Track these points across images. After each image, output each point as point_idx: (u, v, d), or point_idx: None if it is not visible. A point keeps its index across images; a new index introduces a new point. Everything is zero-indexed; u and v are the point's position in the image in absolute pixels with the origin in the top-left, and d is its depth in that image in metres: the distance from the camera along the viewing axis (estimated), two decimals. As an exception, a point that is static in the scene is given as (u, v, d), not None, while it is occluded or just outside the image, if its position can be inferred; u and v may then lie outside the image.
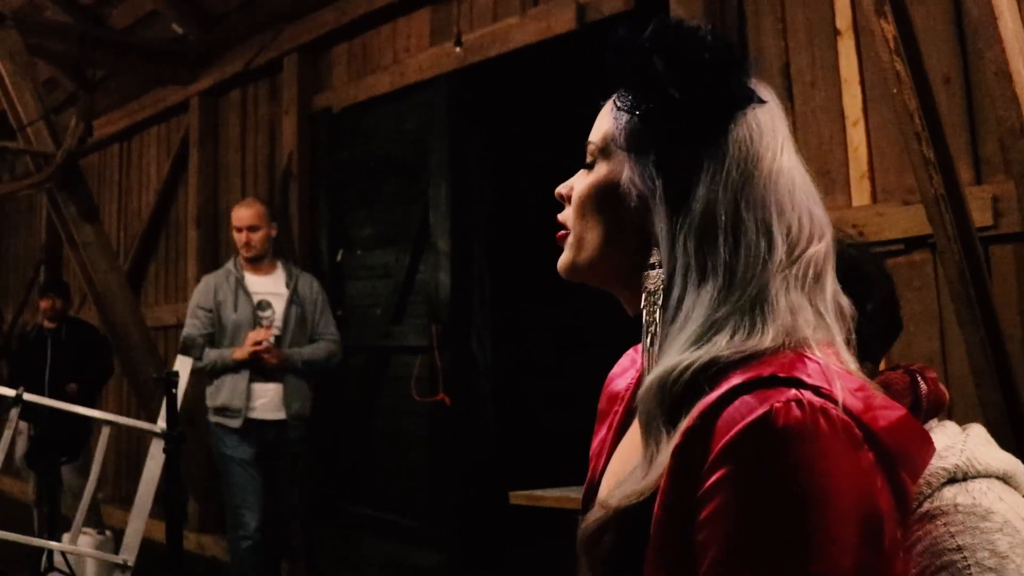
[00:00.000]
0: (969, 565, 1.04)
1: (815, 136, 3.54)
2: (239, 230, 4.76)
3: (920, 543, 1.08)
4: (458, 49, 4.88)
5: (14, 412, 3.47)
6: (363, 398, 5.46)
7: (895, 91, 2.87)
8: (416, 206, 5.24)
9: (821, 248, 0.95)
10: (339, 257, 5.73)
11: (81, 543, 5.00)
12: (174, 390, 3.16)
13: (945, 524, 1.08)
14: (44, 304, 6.26)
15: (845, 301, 0.97)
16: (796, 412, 0.83)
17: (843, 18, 3.48)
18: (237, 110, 6.71)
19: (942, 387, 1.22)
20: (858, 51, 3.43)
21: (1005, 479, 1.15)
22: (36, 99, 5.93)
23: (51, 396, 5.92)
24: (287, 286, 4.78)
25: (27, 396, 3.50)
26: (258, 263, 4.78)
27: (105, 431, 3.56)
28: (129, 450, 7.42)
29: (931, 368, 1.25)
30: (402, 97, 5.36)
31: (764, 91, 0.99)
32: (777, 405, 0.83)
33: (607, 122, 1.02)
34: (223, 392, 4.58)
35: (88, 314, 7.41)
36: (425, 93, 5.20)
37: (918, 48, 2.86)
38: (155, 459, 3.52)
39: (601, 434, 1.14)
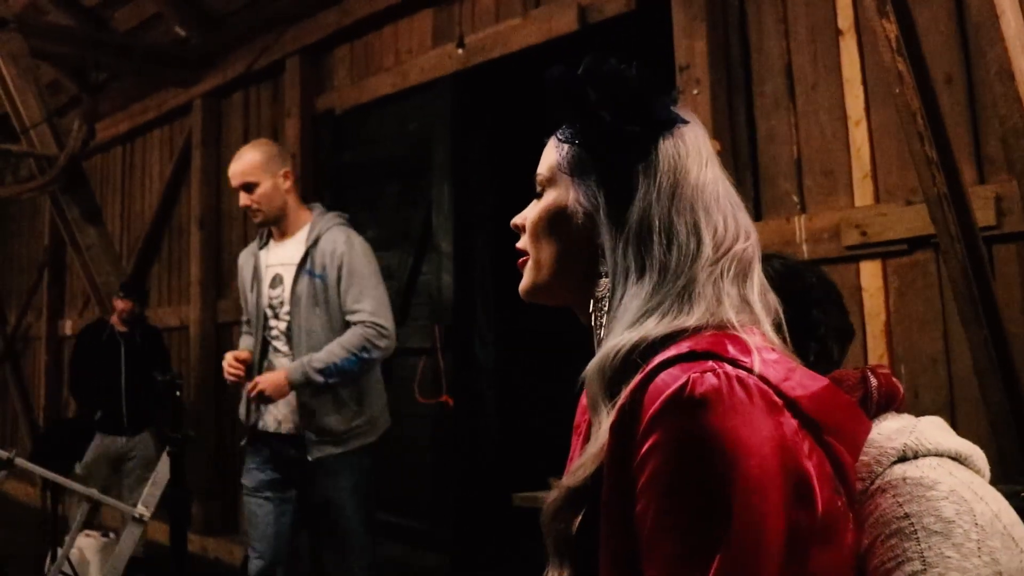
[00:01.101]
0: (916, 530, 1.08)
1: (817, 136, 3.53)
2: (236, 191, 3.68)
3: (871, 516, 1.11)
4: (460, 50, 4.88)
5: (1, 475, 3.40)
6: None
7: (897, 91, 2.87)
8: (419, 208, 5.24)
9: (747, 247, 1.05)
10: (342, 259, 5.73)
11: (84, 545, 5.02)
12: (179, 392, 3.15)
13: (894, 496, 1.12)
14: (122, 306, 5.99)
15: (773, 297, 1.06)
16: (712, 380, 0.90)
17: (845, 18, 3.48)
18: (240, 112, 6.72)
19: (895, 381, 1.27)
20: (860, 51, 3.43)
21: (958, 458, 1.18)
22: (39, 102, 5.94)
23: (128, 405, 5.80)
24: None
25: (19, 461, 3.40)
26: (280, 226, 3.64)
27: (84, 507, 3.52)
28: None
29: (884, 365, 1.30)
30: (404, 99, 5.36)
31: (687, 114, 1.10)
32: (694, 375, 0.90)
33: (552, 154, 1.14)
34: (241, 400, 3.68)
35: (92, 315, 7.43)
36: (427, 94, 5.20)
37: (920, 47, 2.86)
38: (127, 539, 3.38)
39: (574, 443, 1.22)
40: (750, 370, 0.92)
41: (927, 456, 1.16)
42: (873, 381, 1.25)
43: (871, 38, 3.22)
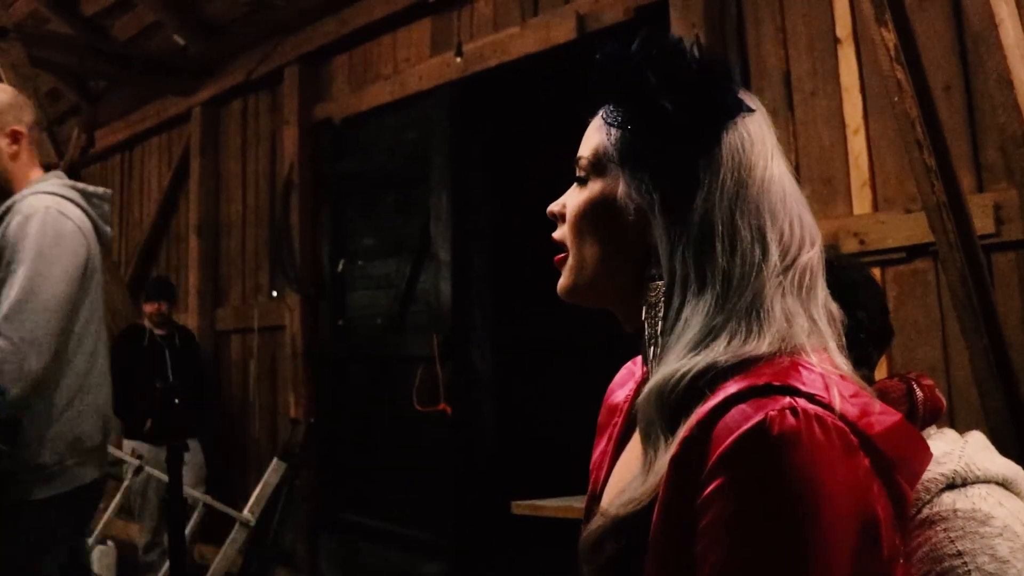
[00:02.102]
0: (970, 571, 1.05)
1: (816, 144, 3.53)
2: None
3: (920, 549, 1.08)
4: (458, 59, 4.88)
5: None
6: (364, 408, 5.45)
7: (896, 99, 2.87)
8: (417, 216, 5.24)
9: (814, 255, 0.96)
10: (340, 267, 5.73)
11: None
12: (177, 400, 3.16)
13: (945, 530, 1.08)
14: (151, 308, 5.86)
15: (835, 307, 0.98)
16: (791, 420, 0.83)
17: (843, 26, 3.49)
18: (238, 121, 6.72)
19: (939, 394, 1.23)
20: (858, 59, 3.43)
21: (1004, 484, 1.15)
22: (38, 110, 5.94)
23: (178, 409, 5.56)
24: None
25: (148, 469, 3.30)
26: (5, 201, 2.67)
27: (200, 509, 3.67)
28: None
29: (926, 375, 1.25)
30: (403, 107, 5.36)
31: (752, 101, 1.00)
32: (772, 413, 0.84)
33: (598, 137, 1.02)
34: None
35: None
36: (426, 103, 5.21)
37: (919, 56, 2.86)
38: (233, 543, 3.69)
39: (601, 446, 1.14)
40: (830, 407, 0.85)
41: (976, 483, 1.13)
42: (919, 394, 1.21)
43: (869, 46, 3.22)
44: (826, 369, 0.90)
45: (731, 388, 0.87)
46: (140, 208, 7.88)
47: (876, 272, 3.32)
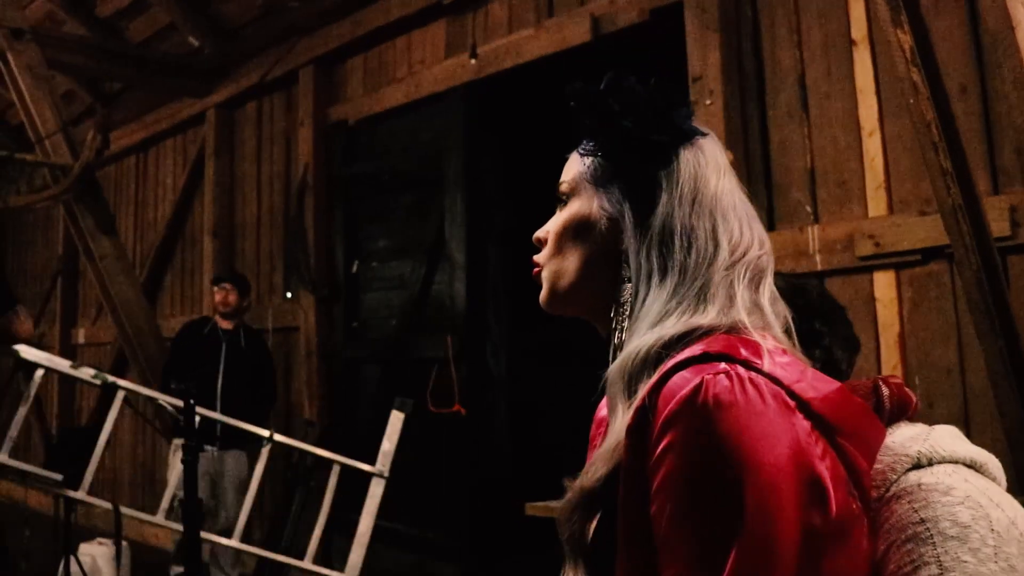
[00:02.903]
0: (932, 535, 1.08)
1: (831, 146, 3.53)
2: None
3: (887, 522, 1.11)
4: (473, 61, 4.90)
5: None
6: (378, 409, 5.46)
7: (911, 101, 2.87)
8: (431, 217, 5.25)
9: (762, 255, 1.08)
10: (355, 268, 5.75)
11: (97, 553, 5.02)
12: (192, 401, 3.18)
13: (909, 502, 1.12)
14: (219, 296, 5.43)
15: (782, 306, 1.09)
16: (725, 382, 0.91)
17: (858, 28, 3.48)
18: (253, 122, 6.75)
19: (908, 391, 1.27)
20: (874, 61, 3.43)
21: (974, 466, 1.18)
22: (54, 112, 5.98)
23: (223, 408, 4.92)
24: None
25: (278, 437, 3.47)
26: None
27: (336, 469, 3.99)
28: (144, 460, 7.45)
29: (895, 376, 1.30)
30: (417, 109, 5.38)
31: (705, 128, 1.14)
32: (708, 377, 0.92)
33: (574, 167, 1.17)
34: None
35: (105, 323, 7.45)
36: (440, 105, 5.22)
37: (935, 58, 2.86)
38: (373, 498, 3.90)
39: (590, 458, 1.22)
40: (762, 371, 0.93)
41: (942, 463, 1.16)
42: (884, 390, 1.25)
43: (885, 48, 3.21)
44: (765, 342, 0.99)
45: (677, 358, 0.96)
46: (155, 210, 7.92)
47: (891, 274, 3.32)
